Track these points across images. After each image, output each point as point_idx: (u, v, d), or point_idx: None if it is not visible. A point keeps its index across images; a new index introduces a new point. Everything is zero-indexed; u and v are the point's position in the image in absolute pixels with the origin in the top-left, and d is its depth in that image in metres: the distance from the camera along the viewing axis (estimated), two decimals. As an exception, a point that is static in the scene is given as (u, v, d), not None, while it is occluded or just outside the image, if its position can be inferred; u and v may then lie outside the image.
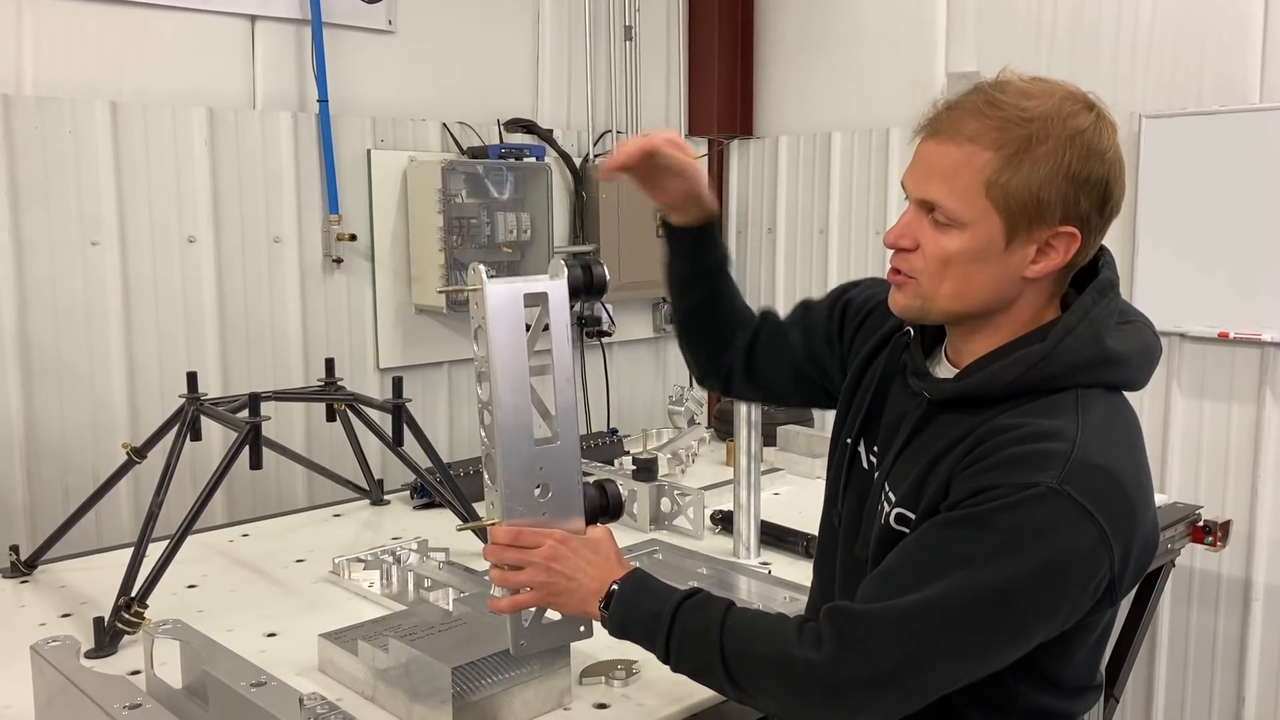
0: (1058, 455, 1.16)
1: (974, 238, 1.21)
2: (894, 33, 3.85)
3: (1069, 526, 1.14)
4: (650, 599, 1.35)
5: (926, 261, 1.25)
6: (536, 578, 1.38)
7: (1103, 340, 1.25)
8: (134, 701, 1.38)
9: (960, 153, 1.20)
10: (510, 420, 1.38)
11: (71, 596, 2.17)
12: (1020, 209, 1.19)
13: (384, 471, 2.98)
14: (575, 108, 3.91)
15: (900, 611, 1.17)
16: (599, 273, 1.48)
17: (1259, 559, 3.18)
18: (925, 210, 1.25)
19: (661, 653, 1.33)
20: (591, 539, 1.43)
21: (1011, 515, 1.15)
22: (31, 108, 2.71)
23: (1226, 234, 3.07)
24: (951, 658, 1.17)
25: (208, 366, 3.01)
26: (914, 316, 1.32)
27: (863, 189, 3.95)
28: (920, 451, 1.30)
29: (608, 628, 1.38)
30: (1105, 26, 3.33)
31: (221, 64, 3.06)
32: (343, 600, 2.15)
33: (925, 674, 1.18)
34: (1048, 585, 1.15)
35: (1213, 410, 3.22)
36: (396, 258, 3.40)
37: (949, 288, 1.25)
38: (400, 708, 1.64)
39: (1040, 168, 1.18)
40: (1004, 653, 1.20)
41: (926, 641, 1.16)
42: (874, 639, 1.17)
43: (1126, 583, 1.23)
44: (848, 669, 1.18)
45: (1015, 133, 1.18)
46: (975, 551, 1.16)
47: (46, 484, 2.79)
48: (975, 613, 1.15)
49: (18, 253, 2.71)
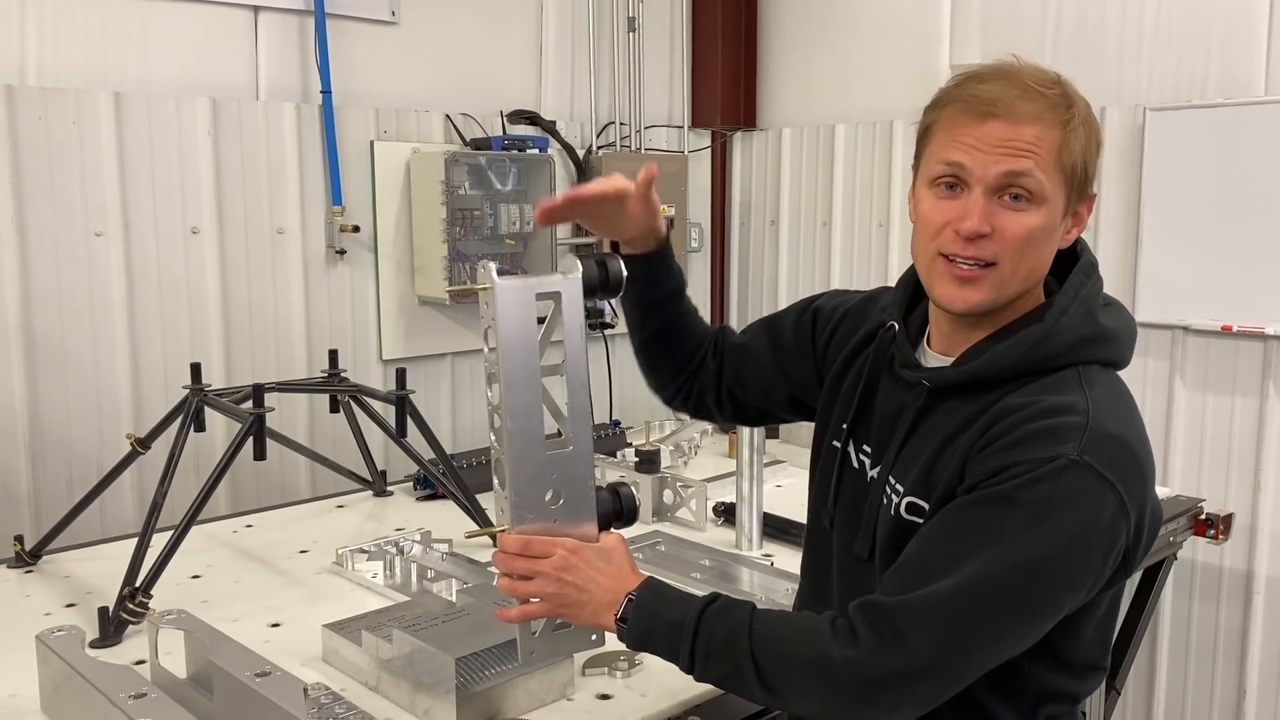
0: (1075, 428, 1.19)
1: (1050, 211, 1.25)
2: (898, 24, 3.84)
3: (1092, 496, 1.17)
4: (670, 608, 1.32)
5: (1007, 244, 1.24)
6: (546, 589, 1.33)
7: (1095, 317, 1.29)
8: (139, 691, 1.39)
9: (1035, 131, 1.23)
10: (520, 424, 1.32)
11: (76, 586, 2.18)
12: (1074, 181, 1.26)
13: (387, 463, 2.99)
14: (578, 99, 3.90)
15: (936, 600, 1.17)
16: (614, 268, 1.40)
17: (1261, 552, 3.18)
18: (994, 193, 1.24)
19: (686, 663, 1.30)
20: (604, 548, 1.37)
21: (1035, 490, 1.16)
22: (35, 98, 2.71)
23: (1230, 227, 3.07)
24: (988, 639, 1.18)
25: (211, 357, 3.01)
26: (988, 307, 1.28)
27: (866, 181, 3.94)
28: (925, 440, 1.31)
29: (625, 640, 1.34)
30: (1110, 19, 3.32)
31: (225, 55, 3.06)
32: (346, 591, 2.16)
33: (964, 659, 1.19)
34: (1076, 556, 1.17)
35: (1216, 403, 3.22)
36: (400, 249, 3.40)
37: (1026, 266, 1.26)
38: (404, 698, 1.65)
39: (1084, 141, 1.26)
40: (1035, 629, 1.21)
41: (964, 626, 1.17)
42: (912, 631, 1.17)
43: (1140, 554, 1.25)
44: (889, 664, 1.17)
45: (1064, 111, 1.25)
46: (1002, 529, 1.17)
47: (51, 474, 2.80)
48: (1009, 590, 1.16)
49: (22, 243, 2.71)
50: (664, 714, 1.68)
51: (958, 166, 1.24)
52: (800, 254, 4.19)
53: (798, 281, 4.20)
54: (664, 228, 1.58)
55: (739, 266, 4.44)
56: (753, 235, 4.36)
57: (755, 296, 4.37)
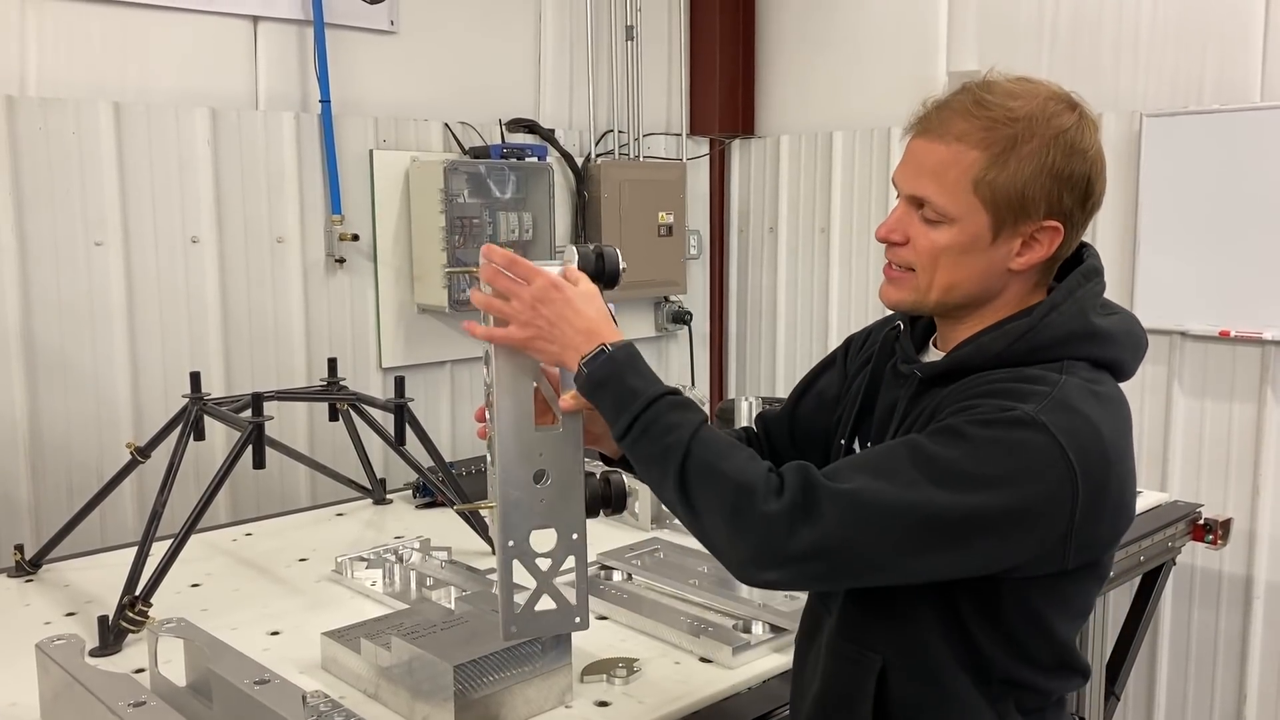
0: (1039, 394, 1.20)
1: (962, 232, 1.26)
2: (895, 32, 3.85)
3: (1039, 455, 1.16)
4: (637, 377, 1.30)
5: (918, 255, 1.30)
6: (520, 314, 1.32)
7: (1087, 316, 1.29)
8: (138, 699, 1.39)
9: (949, 151, 1.25)
10: (509, 402, 1.36)
11: (76, 595, 2.18)
12: (1006, 205, 1.25)
13: (386, 471, 2.99)
14: (577, 107, 3.91)
15: (863, 495, 1.17)
16: (611, 255, 1.41)
17: (1260, 557, 3.18)
18: (915, 206, 1.30)
19: (622, 427, 1.29)
20: (589, 293, 1.34)
21: (985, 430, 1.18)
22: (35, 108, 2.72)
23: (1227, 233, 3.08)
24: (895, 552, 1.18)
25: (211, 366, 3.01)
26: (907, 308, 1.36)
27: (864, 188, 3.95)
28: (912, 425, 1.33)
29: (578, 382, 1.32)
30: (1107, 25, 3.33)
31: (224, 65, 3.07)
32: (345, 599, 2.16)
33: (858, 560, 1.19)
34: (1006, 507, 1.16)
35: (1214, 409, 3.22)
36: (399, 257, 3.40)
37: (940, 279, 1.29)
38: (403, 705, 1.65)
39: (1026, 166, 1.23)
40: (945, 565, 1.20)
41: (875, 529, 1.17)
42: (831, 511, 1.17)
43: (1100, 549, 1.25)
44: (798, 530, 1.17)
45: (1002, 132, 1.23)
46: (944, 457, 1.17)
47: (51, 483, 2.80)
48: (930, 514, 1.16)
49: (22, 253, 2.72)
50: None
51: (894, 181, 1.33)
52: (799, 260, 4.20)
53: (796, 288, 4.21)
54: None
55: (738, 273, 4.44)
56: (751, 242, 4.37)
57: (754, 303, 4.38)
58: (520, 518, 1.37)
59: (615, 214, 3.84)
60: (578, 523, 1.40)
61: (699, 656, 1.86)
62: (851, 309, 4.03)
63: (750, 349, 4.43)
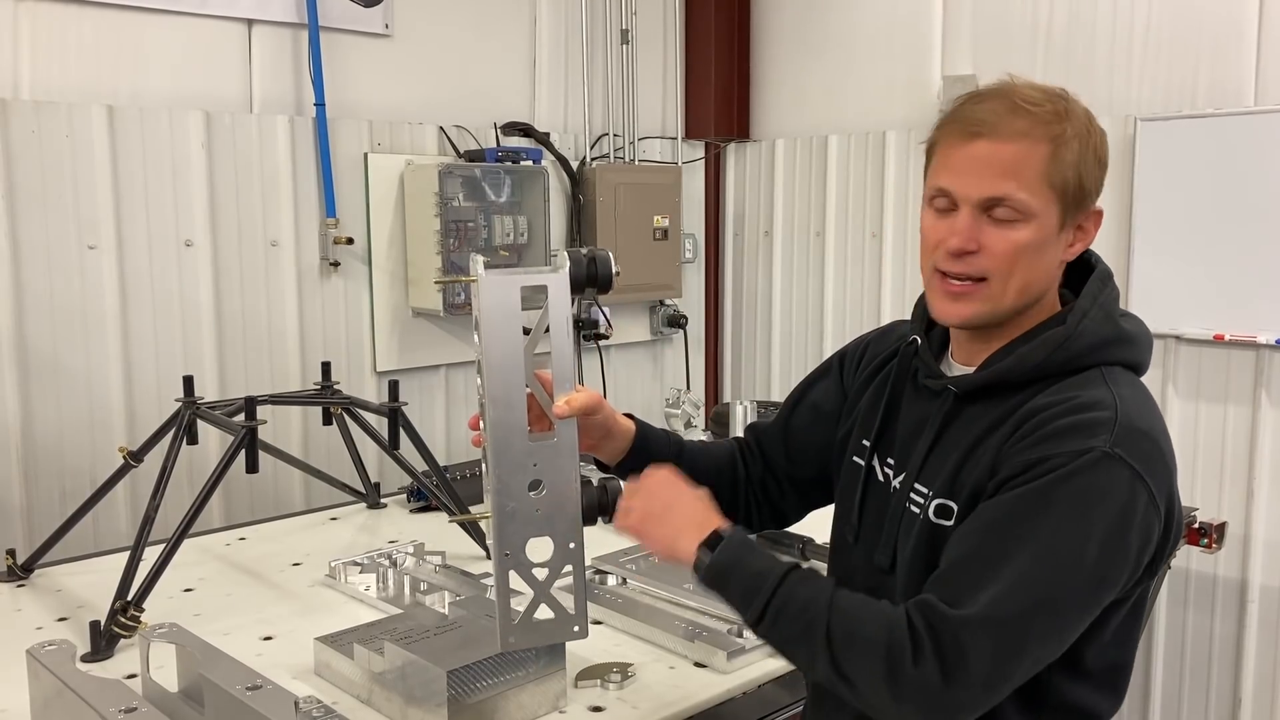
0: (1105, 422, 1.21)
1: (1040, 227, 1.27)
2: (890, 36, 3.85)
3: (1125, 489, 1.19)
4: (757, 558, 1.30)
5: (995, 260, 1.28)
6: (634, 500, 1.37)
7: (1115, 320, 1.33)
8: (130, 705, 1.38)
9: (1018, 148, 1.25)
10: (502, 413, 1.35)
11: (68, 600, 2.17)
12: (1072, 195, 1.28)
13: (380, 475, 2.98)
14: (572, 111, 3.91)
15: (999, 617, 1.16)
16: (603, 259, 1.41)
17: (1255, 561, 3.18)
18: (983, 210, 1.27)
19: (755, 614, 1.28)
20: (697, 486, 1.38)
21: (1071, 484, 1.19)
22: (28, 112, 2.71)
23: (1222, 236, 3.08)
24: (1039, 642, 1.19)
25: (204, 370, 3.01)
26: (982, 321, 1.32)
27: (859, 192, 3.95)
28: (952, 444, 1.33)
29: (699, 572, 1.32)
30: (1100, 29, 3.34)
31: (218, 68, 3.06)
32: (339, 603, 2.15)
33: (1017, 665, 1.19)
34: (1113, 549, 1.19)
35: (1208, 412, 3.23)
36: (393, 261, 3.40)
37: (1017, 282, 1.29)
38: (396, 711, 1.65)
39: (1081, 155, 1.27)
40: (1078, 626, 1.22)
41: (1017, 633, 1.17)
42: (976, 652, 1.16)
43: (1168, 551, 1.27)
44: (954, 681, 1.16)
45: (1056, 126, 1.26)
46: (1041, 527, 1.18)
47: (43, 487, 2.79)
48: (1053, 590, 1.18)
49: (15, 256, 2.71)
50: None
51: (947, 191, 1.29)
52: (794, 264, 4.20)
53: (791, 292, 4.21)
54: (626, 422, 1.56)
55: (733, 277, 4.44)
56: (746, 246, 4.37)
57: (749, 307, 4.38)
58: (516, 528, 1.36)
59: (610, 218, 3.84)
60: (574, 531, 1.39)
61: (694, 661, 1.86)
62: (846, 313, 4.03)
63: (745, 353, 4.43)
